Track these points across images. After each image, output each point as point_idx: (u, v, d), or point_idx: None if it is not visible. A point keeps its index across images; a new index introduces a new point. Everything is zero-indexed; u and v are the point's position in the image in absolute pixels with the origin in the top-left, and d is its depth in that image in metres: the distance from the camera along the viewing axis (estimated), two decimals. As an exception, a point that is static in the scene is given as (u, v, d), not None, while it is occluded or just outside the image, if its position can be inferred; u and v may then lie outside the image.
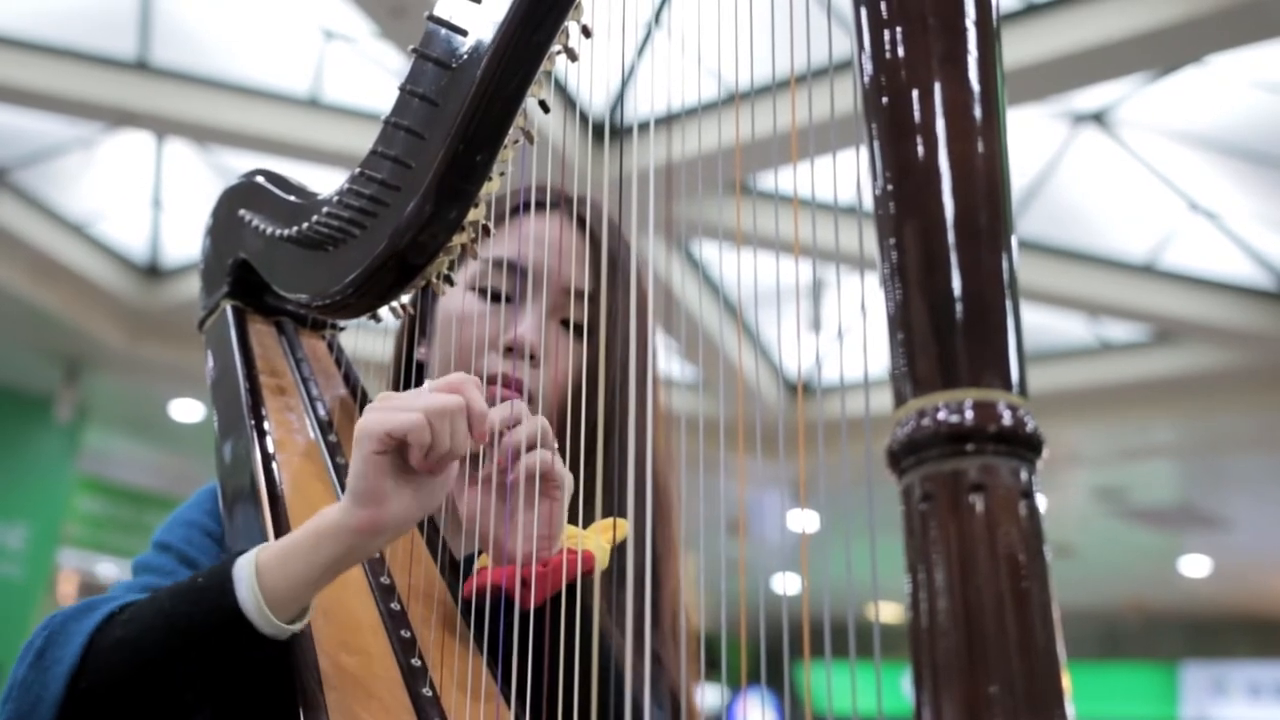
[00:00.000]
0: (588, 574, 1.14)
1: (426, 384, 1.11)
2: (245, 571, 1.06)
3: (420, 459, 1.06)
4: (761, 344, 6.26)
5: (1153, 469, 8.77)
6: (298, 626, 1.07)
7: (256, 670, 1.07)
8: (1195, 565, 11.42)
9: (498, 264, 1.34)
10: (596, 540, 1.18)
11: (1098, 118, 5.50)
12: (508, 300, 1.34)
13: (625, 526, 1.19)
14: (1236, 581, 11.86)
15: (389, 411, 1.07)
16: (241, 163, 5.35)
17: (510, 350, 1.30)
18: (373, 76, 5.46)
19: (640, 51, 4.19)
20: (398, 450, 1.06)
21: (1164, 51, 4.52)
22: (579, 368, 1.33)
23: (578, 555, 1.14)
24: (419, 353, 1.41)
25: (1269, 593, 12.41)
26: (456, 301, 1.34)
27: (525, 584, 1.12)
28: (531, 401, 1.30)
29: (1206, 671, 13.43)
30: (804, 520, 0.98)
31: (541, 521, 1.13)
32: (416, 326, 1.40)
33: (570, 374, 1.33)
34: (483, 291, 1.34)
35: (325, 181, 1.26)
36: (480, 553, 1.20)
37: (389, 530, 1.07)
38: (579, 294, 1.34)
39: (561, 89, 1.34)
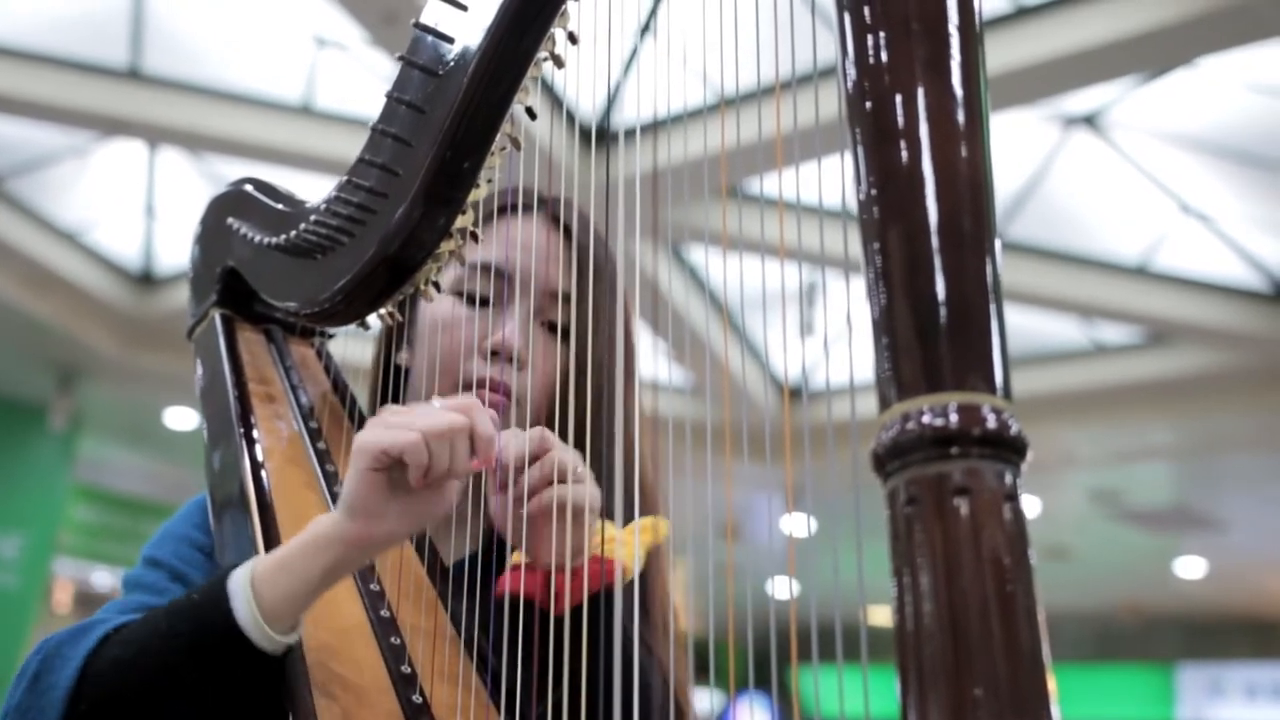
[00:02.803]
0: (611, 585, 1.12)
1: (435, 400, 1.11)
2: (240, 586, 1.06)
3: (419, 478, 1.06)
4: (754, 348, 6.27)
5: (1148, 471, 8.78)
6: (293, 638, 1.07)
7: (250, 681, 1.07)
8: (1191, 567, 11.43)
9: (481, 268, 1.33)
10: (631, 546, 1.16)
11: (1089, 120, 5.51)
12: (490, 304, 1.33)
13: (666, 527, 1.20)
14: (1232, 583, 11.87)
15: (387, 429, 1.06)
16: (234, 170, 5.33)
17: (495, 354, 1.30)
18: (365, 84, 5.46)
19: (630, 58, 4.20)
20: (395, 467, 1.06)
21: (1155, 54, 4.53)
22: (564, 369, 1.33)
23: (603, 565, 1.13)
24: (401, 358, 1.40)
25: (1265, 594, 12.42)
26: (440, 307, 1.33)
27: (552, 592, 1.11)
28: (519, 404, 1.29)
29: (1203, 673, 13.43)
30: (795, 524, 0.98)
31: (568, 542, 1.11)
32: (397, 332, 1.39)
33: (555, 375, 1.33)
34: (466, 296, 1.34)
35: (319, 188, 1.26)
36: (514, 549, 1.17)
37: (381, 544, 1.08)
38: (561, 296, 1.33)
39: (553, 95, 1.34)
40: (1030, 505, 0.64)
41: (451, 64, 1.14)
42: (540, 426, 1.15)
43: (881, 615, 0.63)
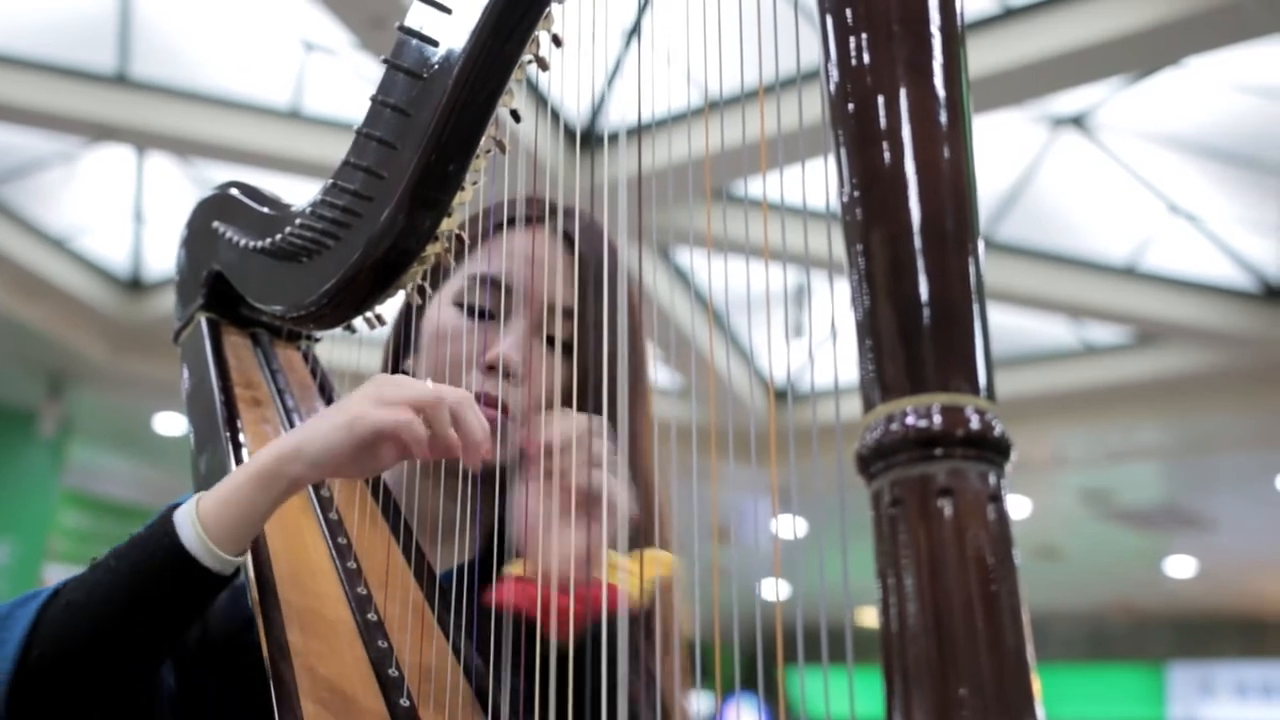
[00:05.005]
0: (614, 614, 1.09)
1: (429, 381, 1.14)
2: (187, 517, 1.10)
3: (424, 452, 1.10)
4: (742, 350, 6.27)
5: (1138, 470, 8.79)
6: (240, 559, 1.11)
7: (202, 603, 1.08)
8: (1181, 566, 11.45)
9: (480, 280, 1.32)
10: (637, 578, 1.13)
11: (1077, 121, 5.52)
12: (490, 316, 1.32)
13: (672, 561, 1.18)
14: (1222, 582, 11.89)
15: (386, 406, 1.09)
16: (223, 175, 5.31)
17: (492, 368, 1.28)
18: (353, 88, 5.45)
19: (619, 59, 4.20)
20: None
21: (1142, 54, 4.54)
22: (563, 384, 1.31)
23: (605, 589, 1.09)
24: (406, 364, 1.39)
25: (1255, 593, 12.45)
26: (440, 317, 1.32)
27: (548, 611, 1.08)
28: (513, 419, 1.28)
29: (1194, 672, 13.46)
30: (785, 526, 0.98)
31: (581, 543, 1.10)
32: (403, 338, 1.39)
33: (553, 390, 1.30)
34: (465, 307, 1.32)
35: (308, 192, 1.26)
36: (515, 556, 1.16)
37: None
38: (563, 311, 1.31)
39: (540, 98, 1.34)
40: (1020, 505, 0.64)
41: (436, 67, 1.14)
42: (588, 415, 1.15)
43: (870, 616, 0.63)
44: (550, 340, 1.32)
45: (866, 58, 0.70)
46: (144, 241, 7.15)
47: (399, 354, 1.40)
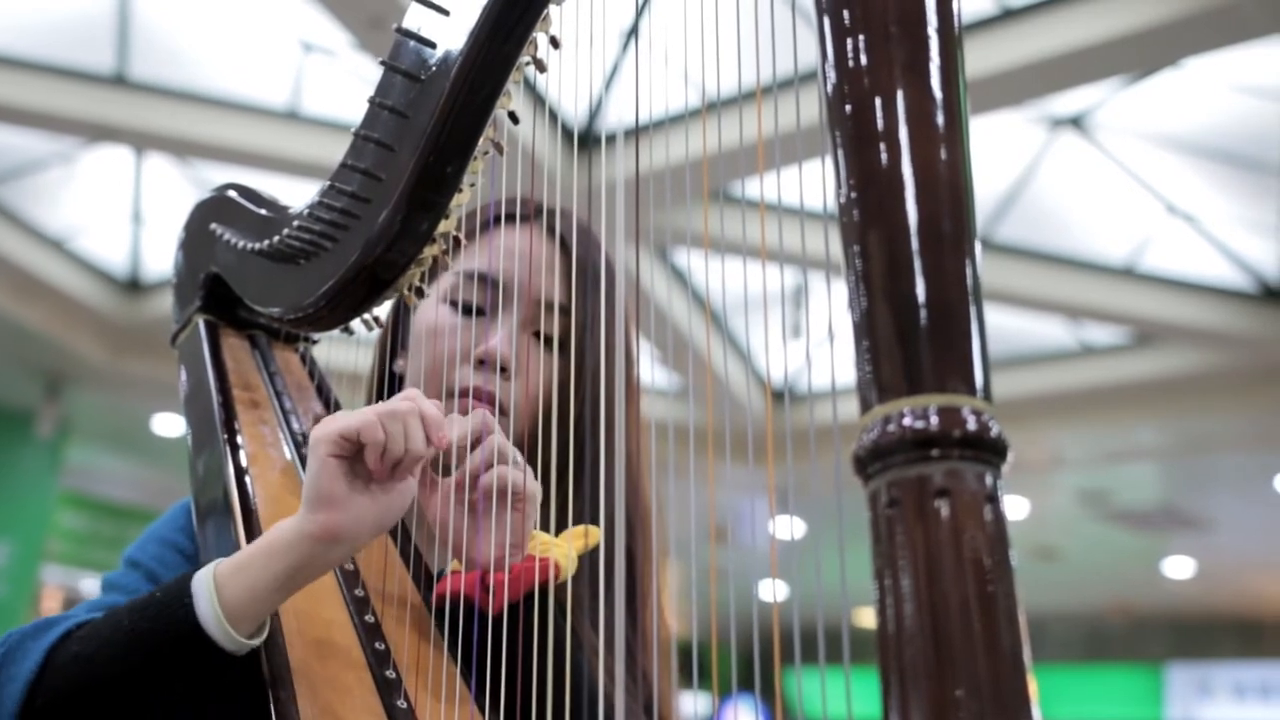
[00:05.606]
0: (546, 582, 1.15)
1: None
2: (204, 586, 1.06)
3: (376, 460, 1.06)
4: (740, 351, 6.27)
5: (1136, 471, 8.80)
6: (257, 641, 1.07)
7: (230, 684, 1.07)
8: (1179, 567, 11.45)
9: (470, 276, 1.32)
10: (566, 548, 1.18)
11: (1076, 122, 5.52)
12: (480, 313, 1.32)
13: (597, 533, 1.21)
14: (1220, 582, 11.90)
15: (343, 416, 1.08)
16: (221, 176, 5.32)
17: (482, 363, 1.29)
18: (352, 88, 5.46)
19: (617, 61, 4.20)
20: (355, 456, 1.07)
21: (1141, 55, 4.54)
22: (551, 379, 1.32)
23: (538, 562, 1.15)
24: (397, 365, 1.40)
25: (1253, 593, 12.45)
26: (430, 314, 1.33)
27: (487, 589, 1.13)
28: (504, 414, 1.28)
29: (1191, 672, 13.46)
30: (783, 527, 0.98)
31: (508, 532, 1.13)
32: (394, 339, 1.40)
33: (543, 386, 1.32)
34: (456, 304, 1.33)
35: (307, 193, 1.26)
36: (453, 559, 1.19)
37: (346, 539, 1.07)
38: (551, 306, 1.33)
39: (538, 99, 1.34)
40: (1019, 506, 0.64)
41: (434, 69, 1.14)
42: (482, 411, 1.16)
43: (867, 617, 0.63)
44: (540, 336, 1.33)
45: (864, 59, 0.70)
46: (142, 242, 7.15)
47: (393, 353, 1.40)
